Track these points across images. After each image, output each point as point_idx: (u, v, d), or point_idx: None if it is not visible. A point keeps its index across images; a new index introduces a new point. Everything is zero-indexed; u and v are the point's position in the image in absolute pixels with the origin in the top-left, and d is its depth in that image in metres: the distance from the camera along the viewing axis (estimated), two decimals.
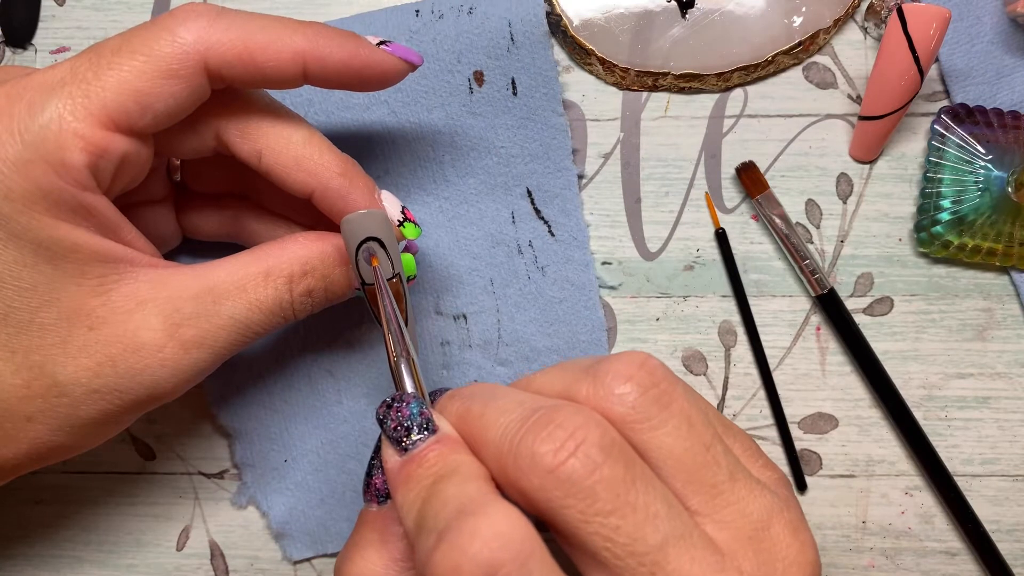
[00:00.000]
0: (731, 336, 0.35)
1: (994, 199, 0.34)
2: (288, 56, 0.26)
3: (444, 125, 0.34)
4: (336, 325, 0.35)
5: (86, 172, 0.24)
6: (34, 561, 0.35)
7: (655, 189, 0.36)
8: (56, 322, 0.25)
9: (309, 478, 0.35)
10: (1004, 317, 0.35)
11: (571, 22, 0.35)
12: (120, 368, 0.25)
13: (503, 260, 0.35)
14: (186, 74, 0.25)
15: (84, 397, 0.25)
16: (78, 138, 0.23)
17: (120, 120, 0.24)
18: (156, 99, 0.24)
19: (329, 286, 0.29)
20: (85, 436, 0.26)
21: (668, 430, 0.22)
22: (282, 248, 0.28)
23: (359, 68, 0.27)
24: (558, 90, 0.34)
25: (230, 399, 0.35)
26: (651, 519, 0.21)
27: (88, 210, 0.24)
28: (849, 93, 0.36)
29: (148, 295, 0.26)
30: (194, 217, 0.32)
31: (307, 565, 0.35)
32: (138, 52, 0.24)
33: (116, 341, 0.25)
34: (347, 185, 0.28)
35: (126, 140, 0.25)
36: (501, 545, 0.19)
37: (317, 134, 0.28)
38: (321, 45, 0.26)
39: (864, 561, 0.34)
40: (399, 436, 0.23)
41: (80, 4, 0.36)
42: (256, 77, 0.26)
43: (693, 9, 0.35)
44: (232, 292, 0.27)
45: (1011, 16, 0.35)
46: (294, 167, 0.27)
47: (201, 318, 0.26)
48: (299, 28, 0.26)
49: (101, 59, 0.24)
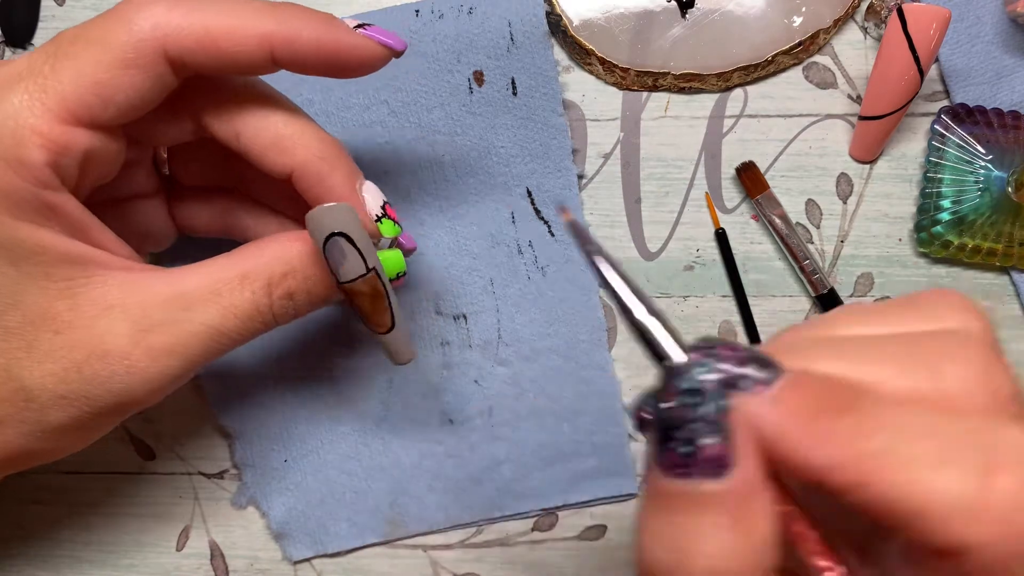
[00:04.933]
0: (731, 336, 0.35)
1: (994, 199, 0.34)
2: (254, 41, 0.24)
3: (444, 125, 0.34)
4: (335, 325, 0.35)
5: (47, 170, 0.23)
6: (34, 561, 0.35)
7: (655, 189, 0.36)
8: (21, 326, 0.24)
9: (309, 478, 0.35)
10: (1004, 317, 0.35)
11: (571, 22, 0.35)
12: (86, 374, 0.24)
13: (503, 260, 0.35)
14: (145, 63, 0.23)
15: (52, 403, 0.24)
16: (36, 135, 0.22)
17: (81, 114, 0.23)
18: (116, 90, 0.23)
19: (312, 288, 0.27)
20: (57, 442, 0.26)
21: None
22: (260, 250, 0.26)
23: (332, 52, 0.25)
24: (558, 90, 0.34)
25: (230, 399, 0.35)
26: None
27: (52, 210, 0.23)
28: (849, 93, 0.36)
29: (117, 299, 0.25)
30: (186, 212, 0.31)
31: (307, 565, 0.35)
32: (94, 42, 0.23)
33: (82, 346, 0.24)
34: (326, 169, 0.26)
35: (89, 134, 0.24)
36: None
37: (301, 114, 0.27)
38: (290, 29, 0.25)
39: None
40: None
41: (80, 4, 0.36)
42: (221, 63, 0.24)
43: (693, 9, 0.35)
44: (206, 297, 0.25)
45: (1011, 16, 0.35)
46: (272, 147, 0.26)
47: (171, 325, 0.25)
48: (268, 11, 0.25)
49: (58, 50, 0.23)
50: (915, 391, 0.17)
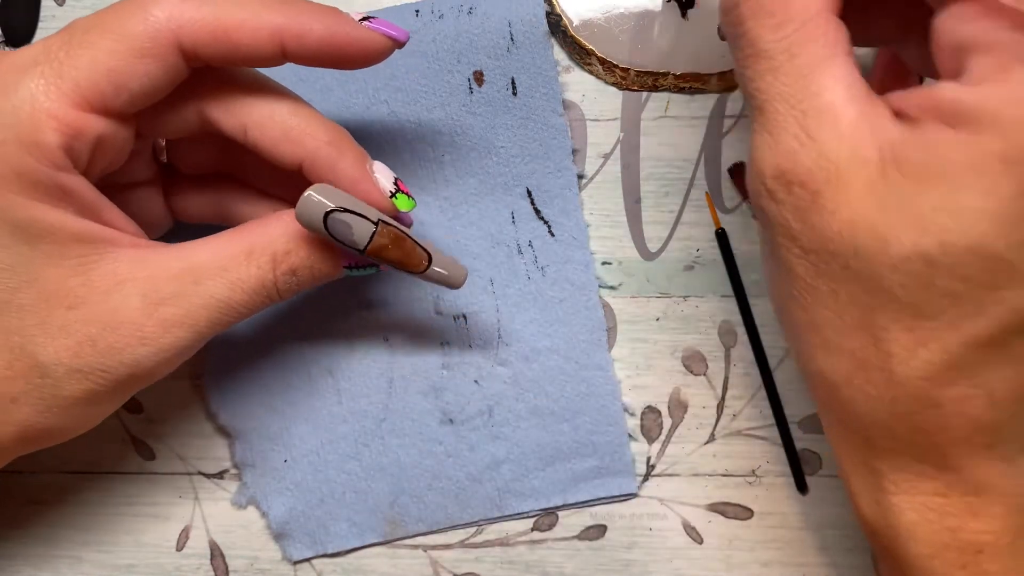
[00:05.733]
0: (731, 336, 0.35)
1: None
2: (265, 34, 0.25)
3: (444, 125, 0.34)
4: (336, 324, 0.35)
5: (61, 153, 0.24)
6: (33, 561, 0.35)
7: (655, 189, 0.36)
8: (35, 303, 0.25)
9: (309, 478, 0.35)
10: None
11: (571, 22, 0.35)
12: (100, 347, 0.25)
13: (503, 260, 0.35)
14: (159, 53, 0.24)
15: (67, 377, 0.25)
16: (52, 118, 0.23)
17: (94, 100, 0.24)
18: (130, 78, 0.24)
19: (315, 264, 0.28)
20: (73, 417, 0.26)
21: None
22: (265, 226, 0.27)
23: (341, 46, 0.26)
24: (558, 90, 0.34)
25: (230, 399, 0.35)
26: None
27: (65, 191, 0.24)
28: None
29: (128, 274, 0.26)
30: (182, 199, 0.32)
31: (307, 565, 0.35)
32: (109, 31, 0.24)
33: (96, 320, 0.25)
34: (335, 155, 0.27)
35: (102, 121, 0.24)
36: None
37: (304, 104, 0.28)
38: (300, 23, 0.25)
39: (864, 561, 0.34)
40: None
41: (80, 4, 0.36)
42: (232, 55, 0.25)
43: (693, 9, 0.35)
44: (213, 271, 0.26)
45: None
46: (281, 139, 0.27)
47: (181, 297, 0.26)
48: (277, 5, 0.25)
49: (73, 38, 0.24)
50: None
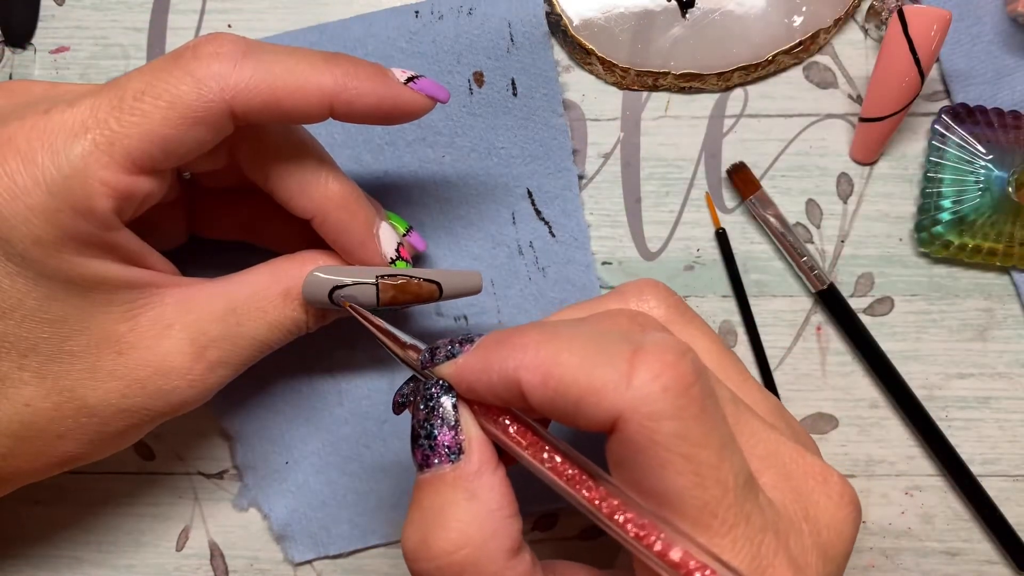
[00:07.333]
0: (731, 336, 0.35)
1: (994, 199, 0.34)
2: (315, 100, 0.25)
3: (444, 125, 0.34)
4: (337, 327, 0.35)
5: (112, 216, 0.24)
6: (33, 561, 0.35)
7: (655, 189, 0.35)
8: (86, 349, 0.26)
9: (310, 480, 0.34)
10: (1005, 317, 0.35)
11: (571, 22, 0.35)
12: (149, 389, 0.27)
13: (504, 261, 0.35)
14: (212, 120, 0.24)
15: (113, 416, 0.27)
16: (104, 185, 0.24)
17: (145, 165, 0.24)
18: (180, 144, 0.24)
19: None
20: (108, 447, 0.28)
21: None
22: (300, 268, 0.29)
23: (387, 110, 0.27)
24: (558, 90, 0.34)
25: (231, 401, 0.35)
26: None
27: (113, 245, 0.25)
28: (849, 93, 0.36)
29: (175, 318, 0.27)
30: (204, 215, 0.32)
31: (307, 567, 0.35)
32: (162, 99, 0.24)
33: (145, 365, 0.26)
34: (346, 219, 0.28)
35: (149, 180, 0.25)
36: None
37: (328, 162, 0.28)
38: (350, 88, 0.26)
39: (864, 561, 0.34)
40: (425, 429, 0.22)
41: (80, 4, 0.36)
42: (281, 119, 0.26)
43: (693, 9, 0.35)
44: (253, 314, 0.28)
45: (1011, 16, 0.35)
46: (298, 193, 0.28)
47: (226, 340, 0.27)
48: (327, 67, 0.25)
49: (123, 103, 0.24)
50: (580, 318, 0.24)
